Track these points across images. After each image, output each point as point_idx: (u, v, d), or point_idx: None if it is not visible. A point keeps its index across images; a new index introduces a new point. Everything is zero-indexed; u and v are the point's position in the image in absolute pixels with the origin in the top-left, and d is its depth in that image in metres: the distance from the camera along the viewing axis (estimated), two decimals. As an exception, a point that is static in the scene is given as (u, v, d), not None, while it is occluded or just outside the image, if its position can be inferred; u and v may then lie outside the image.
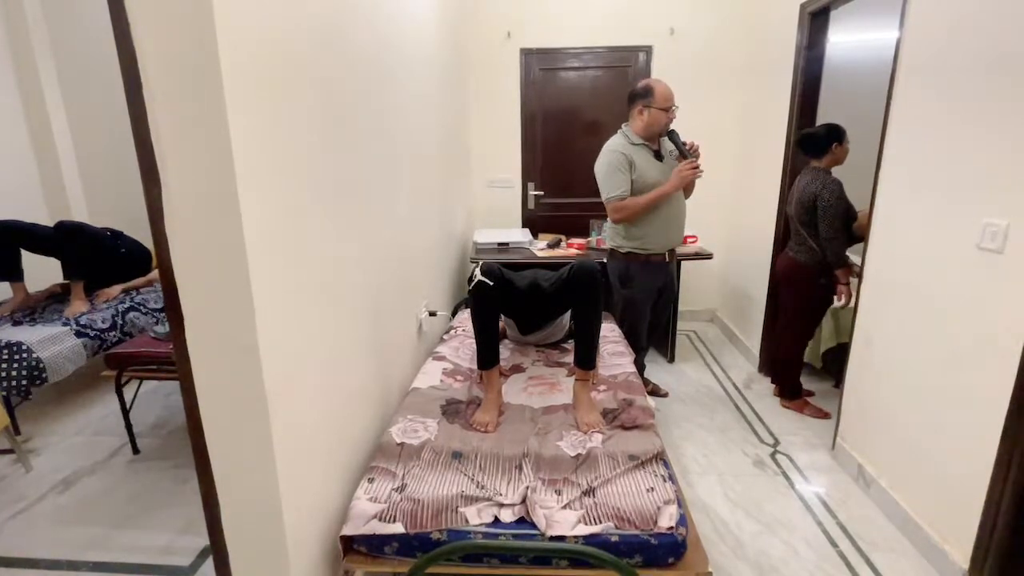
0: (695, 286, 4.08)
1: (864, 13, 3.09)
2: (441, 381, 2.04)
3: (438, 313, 2.61)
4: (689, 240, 3.28)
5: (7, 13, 3.24)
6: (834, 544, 1.87)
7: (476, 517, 1.35)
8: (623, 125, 2.58)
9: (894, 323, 2.00)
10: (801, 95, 2.87)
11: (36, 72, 3.33)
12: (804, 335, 2.78)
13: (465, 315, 2.67)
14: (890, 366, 2.02)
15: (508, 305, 2.20)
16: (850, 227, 2.55)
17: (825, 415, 2.70)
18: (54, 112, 3.44)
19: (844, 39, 3.25)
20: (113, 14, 0.93)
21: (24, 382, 2.29)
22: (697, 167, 2.42)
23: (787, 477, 2.25)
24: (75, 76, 3.50)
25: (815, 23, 2.76)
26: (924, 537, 1.79)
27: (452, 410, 1.84)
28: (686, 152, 2.45)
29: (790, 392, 2.84)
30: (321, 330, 1.36)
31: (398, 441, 1.61)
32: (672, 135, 2.49)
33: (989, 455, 1.54)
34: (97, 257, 2.97)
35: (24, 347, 2.34)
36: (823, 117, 2.86)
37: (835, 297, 2.63)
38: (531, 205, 4.09)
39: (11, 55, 3.29)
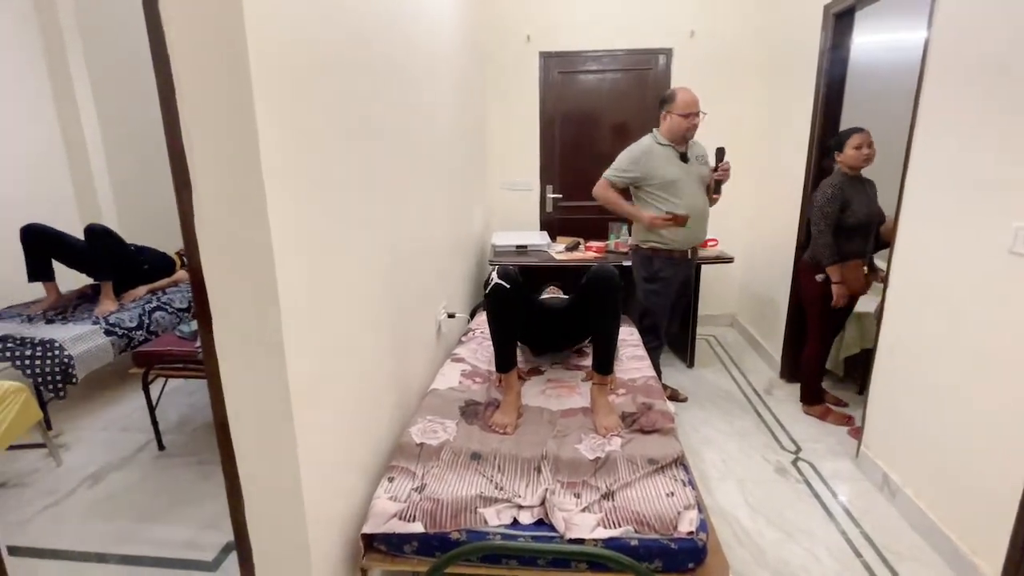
0: (715, 290, 4.04)
1: (891, 14, 3.03)
2: (459, 382, 2.05)
3: (456, 315, 2.63)
4: (710, 243, 3.25)
5: (42, 22, 3.34)
6: (858, 554, 1.84)
7: (495, 518, 1.35)
8: (654, 128, 2.71)
9: (921, 329, 1.96)
10: (824, 97, 2.83)
11: (70, 81, 3.42)
12: (818, 336, 2.72)
13: (483, 317, 2.68)
14: (916, 373, 1.98)
15: (522, 320, 2.05)
16: (846, 227, 2.51)
17: (849, 421, 2.66)
18: (87, 122, 3.52)
19: (870, 40, 3.19)
20: (149, 22, 0.96)
21: (57, 378, 2.37)
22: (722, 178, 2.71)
23: (809, 484, 2.22)
24: (108, 86, 3.59)
25: (839, 24, 2.72)
26: (952, 549, 1.75)
27: (471, 411, 1.85)
28: (716, 167, 2.70)
29: (810, 397, 2.79)
30: (344, 330, 1.38)
31: (417, 441, 1.62)
32: (720, 152, 2.67)
33: (1021, 466, 1.49)
34: (121, 265, 3.06)
35: (57, 344, 2.41)
36: (847, 120, 2.81)
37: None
38: (549, 208, 4.09)
39: (46, 63, 3.38)
